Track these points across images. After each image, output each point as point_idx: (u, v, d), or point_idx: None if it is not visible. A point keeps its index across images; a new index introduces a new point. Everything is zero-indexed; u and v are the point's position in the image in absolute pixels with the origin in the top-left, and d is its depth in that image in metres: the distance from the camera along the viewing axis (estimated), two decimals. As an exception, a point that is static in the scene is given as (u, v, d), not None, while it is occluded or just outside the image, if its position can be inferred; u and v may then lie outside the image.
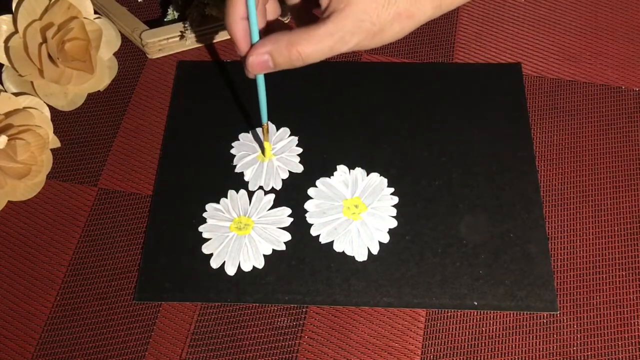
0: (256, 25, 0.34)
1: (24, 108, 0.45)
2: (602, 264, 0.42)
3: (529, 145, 0.46)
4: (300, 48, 0.33)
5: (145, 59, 0.52)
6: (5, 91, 0.46)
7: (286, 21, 0.51)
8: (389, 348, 0.39)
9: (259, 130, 0.47)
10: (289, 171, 0.45)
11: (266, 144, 0.45)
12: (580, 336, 0.39)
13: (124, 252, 0.43)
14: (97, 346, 0.39)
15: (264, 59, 0.34)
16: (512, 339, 0.39)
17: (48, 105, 0.47)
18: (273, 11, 0.37)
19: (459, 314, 0.40)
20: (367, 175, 0.45)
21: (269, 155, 0.46)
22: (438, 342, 0.39)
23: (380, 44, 0.34)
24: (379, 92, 0.49)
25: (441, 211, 0.43)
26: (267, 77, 0.38)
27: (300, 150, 0.46)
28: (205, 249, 0.42)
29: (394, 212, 0.43)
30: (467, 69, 0.50)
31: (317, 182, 0.45)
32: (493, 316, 0.40)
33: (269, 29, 0.37)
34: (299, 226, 0.43)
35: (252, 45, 0.34)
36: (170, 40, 0.51)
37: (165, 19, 0.52)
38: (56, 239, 0.43)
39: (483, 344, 0.39)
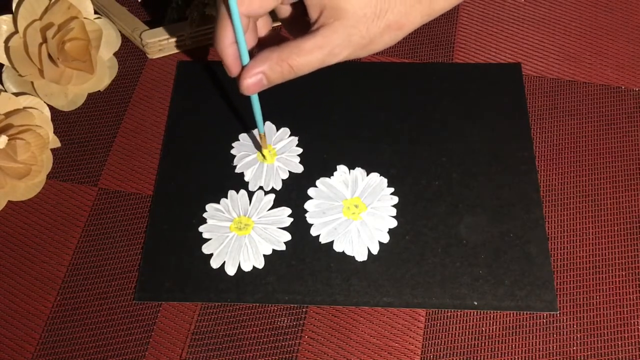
0: (246, 50, 0.34)
1: (24, 108, 0.45)
2: (602, 264, 0.42)
3: (529, 145, 0.46)
4: (291, 61, 0.33)
5: (145, 59, 0.52)
6: (5, 91, 0.46)
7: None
8: (389, 348, 0.39)
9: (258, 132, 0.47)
10: (289, 171, 0.45)
11: (265, 151, 0.45)
12: (580, 336, 0.39)
13: (124, 252, 0.43)
14: (97, 346, 0.39)
15: (258, 79, 0.34)
16: (512, 339, 0.39)
17: (48, 105, 0.47)
18: (264, 25, 0.38)
19: (459, 314, 0.40)
20: (367, 175, 0.45)
21: (271, 159, 0.46)
22: (438, 342, 0.39)
23: (371, 53, 0.35)
24: (379, 92, 0.49)
25: (441, 211, 0.43)
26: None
27: (300, 150, 0.46)
28: (205, 249, 0.42)
29: (394, 212, 0.43)
30: (467, 69, 0.50)
31: (317, 182, 0.45)
32: (493, 316, 0.40)
33: (261, 42, 0.37)
34: (299, 226, 0.43)
35: (243, 67, 0.35)
36: (170, 40, 0.51)
37: (165, 19, 0.52)
38: (56, 239, 0.43)
39: (483, 344, 0.39)
